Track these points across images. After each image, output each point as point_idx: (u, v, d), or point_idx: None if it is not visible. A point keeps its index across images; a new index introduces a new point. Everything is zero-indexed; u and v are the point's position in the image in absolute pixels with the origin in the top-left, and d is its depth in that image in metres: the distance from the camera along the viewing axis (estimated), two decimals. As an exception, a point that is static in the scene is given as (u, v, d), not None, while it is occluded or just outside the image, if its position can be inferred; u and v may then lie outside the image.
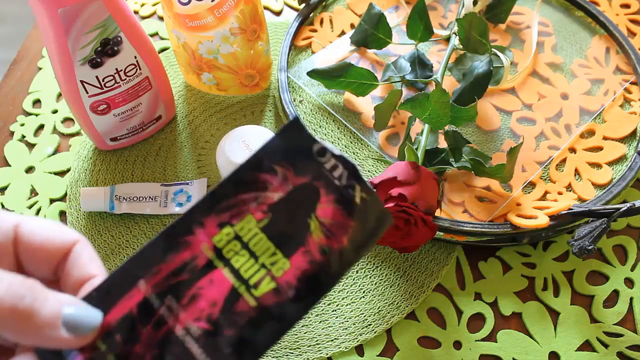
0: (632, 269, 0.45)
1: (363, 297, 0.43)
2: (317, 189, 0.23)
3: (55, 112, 0.55)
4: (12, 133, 0.54)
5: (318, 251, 0.23)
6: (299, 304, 0.22)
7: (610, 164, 0.49)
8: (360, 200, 0.23)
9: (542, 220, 0.42)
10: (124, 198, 0.47)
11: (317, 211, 0.23)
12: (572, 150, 0.50)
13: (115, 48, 0.43)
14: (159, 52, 0.60)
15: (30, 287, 0.20)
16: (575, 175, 0.49)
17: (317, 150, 0.24)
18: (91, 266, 0.23)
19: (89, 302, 0.22)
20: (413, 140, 0.47)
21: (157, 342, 0.21)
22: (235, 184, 0.23)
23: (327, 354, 0.41)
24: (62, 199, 0.49)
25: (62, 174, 0.51)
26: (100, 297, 0.22)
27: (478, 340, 0.42)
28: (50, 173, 0.51)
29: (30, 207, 0.49)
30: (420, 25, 0.52)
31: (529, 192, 0.47)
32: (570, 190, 0.48)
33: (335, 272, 0.23)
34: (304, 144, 0.24)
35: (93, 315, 0.21)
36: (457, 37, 0.52)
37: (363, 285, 0.44)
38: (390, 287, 0.44)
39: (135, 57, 0.45)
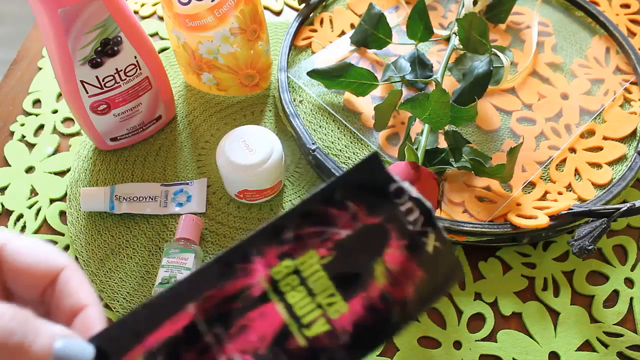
0: (632, 269, 0.45)
1: (363, 297, 0.43)
2: (388, 231, 0.22)
3: (55, 112, 0.55)
4: (12, 133, 0.54)
5: (379, 298, 0.21)
6: (351, 351, 0.21)
7: (610, 164, 0.49)
8: (432, 250, 0.22)
9: (542, 220, 0.42)
10: (124, 198, 0.47)
11: (385, 256, 0.22)
12: (572, 150, 0.50)
13: (115, 48, 0.43)
14: (159, 52, 0.60)
15: (23, 321, 0.19)
16: (575, 175, 0.49)
17: (393, 190, 0.22)
18: (82, 294, 0.22)
19: (133, 318, 0.21)
20: (413, 140, 0.47)
21: None
22: (303, 215, 0.22)
23: (327, 354, 0.41)
24: (62, 199, 0.49)
25: (62, 174, 0.51)
26: (147, 315, 0.21)
27: (478, 340, 0.42)
28: (50, 173, 0.51)
29: (30, 207, 0.49)
30: (420, 25, 0.52)
31: (529, 192, 0.47)
32: (570, 190, 0.48)
33: (395, 323, 0.21)
34: (381, 182, 0.22)
35: (85, 351, 0.20)
36: (457, 37, 0.52)
37: (363, 285, 0.44)
38: (390, 287, 0.44)
39: (135, 57, 0.45)
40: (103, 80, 0.44)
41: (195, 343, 0.21)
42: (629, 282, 0.44)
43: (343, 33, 0.59)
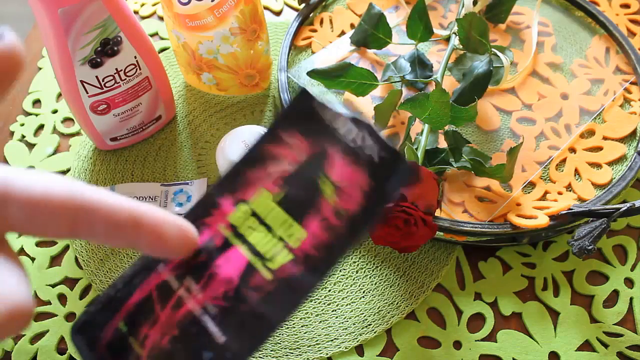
0: (632, 269, 0.45)
1: (363, 297, 0.43)
2: (331, 154, 0.23)
3: (55, 112, 0.55)
4: (12, 133, 0.54)
5: (334, 215, 0.22)
6: (316, 272, 0.22)
7: (610, 164, 0.49)
8: (379, 159, 0.22)
9: (542, 220, 0.42)
10: (124, 198, 0.47)
11: (331, 174, 0.22)
12: (572, 150, 0.50)
13: (115, 48, 0.43)
14: (159, 52, 0.60)
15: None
16: (575, 175, 0.49)
17: (329, 116, 0.23)
18: None
19: (113, 292, 0.22)
20: (413, 140, 0.47)
21: (176, 323, 0.22)
22: (248, 161, 0.23)
23: (327, 354, 0.41)
24: (62, 199, 0.49)
25: (62, 174, 0.51)
26: (123, 284, 0.22)
27: (478, 340, 0.42)
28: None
29: (30, 207, 0.49)
30: (420, 25, 0.52)
31: (529, 192, 0.47)
32: (570, 190, 0.48)
33: (354, 233, 0.22)
34: (315, 112, 0.23)
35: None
36: (457, 37, 0.52)
37: (363, 285, 0.44)
38: (390, 287, 0.44)
39: (135, 57, 0.45)
40: (103, 80, 0.44)
41: (169, 298, 0.22)
42: (629, 282, 0.44)
43: (343, 33, 0.59)
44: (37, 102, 0.56)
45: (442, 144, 0.48)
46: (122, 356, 0.21)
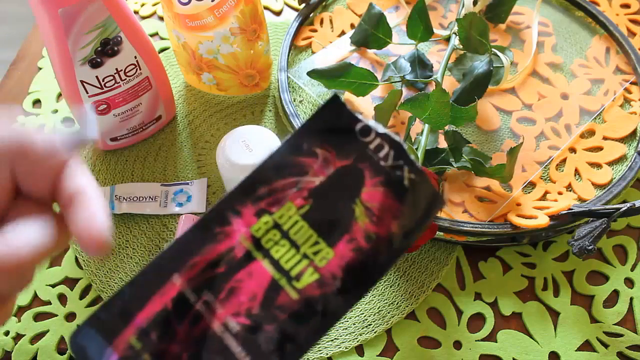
0: (632, 269, 0.45)
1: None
2: (361, 171, 0.22)
3: (55, 112, 0.55)
4: (12, 133, 0.53)
5: (364, 238, 0.21)
6: (345, 296, 0.21)
7: (610, 164, 0.49)
8: (408, 182, 0.22)
9: (542, 220, 0.42)
10: (124, 198, 0.47)
11: (362, 195, 0.21)
12: (572, 150, 0.50)
13: (115, 48, 0.43)
14: (159, 52, 0.60)
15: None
16: (575, 175, 0.49)
17: (359, 129, 0.22)
18: (83, 178, 0.22)
19: (120, 299, 0.21)
20: (413, 140, 0.47)
21: (194, 339, 0.20)
22: (273, 169, 0.22)
23: (327, 354, 0.41)
24: (62, 199, 0.49)
25: (62, 174, 0.51)
26: (132, 293, 0.21)
27: (478, 340, 0.42)
28: (50, 173, 0.51)
29: (30, 207, 0.49)
30: (420, 25, 0.52)
31: (529, 192, 0.47)
32: (570, 190, 0.48)
33: (383, 261, 0.21)
34: (345, 123, 0.22)
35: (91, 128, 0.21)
36: (457, 37, 0.52)
37: (363, 285, 0.44)
38: (390, 287, 0.44)
39: (135, 57, 0.45)
40: (103, 80, 0.44)
41: (187, 313, 0.21)
42: (629, 282, 0.44)
43: (343, 33, 0.59)
44: (37, 102, 0.56)
45: (442, 144, 0.48)
46: None
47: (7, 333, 0.42)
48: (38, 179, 0.22)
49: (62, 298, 0.44)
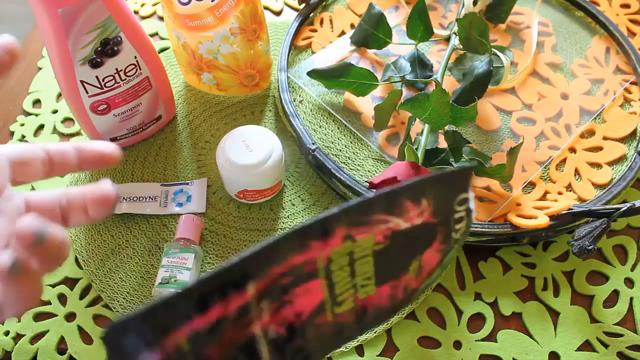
0: (632, 269, 0.45)
1: (363, 297, 0.43)
2: (436, 233, 0.22)
3: (55, 112, 0.55)
4: (12, 133, 0.54)
5: (403, 289, 0.22)
6: (362, 326, 0.22)
7: (610, 164, 0.49)
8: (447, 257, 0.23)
9: (542, 220, 0.42)
10: (124, 198, 0.47)
11: (424, 254, 0.22)
12: (572, 150, 0.50)
13: (115, 48, 0.43)
14: (159, 52, 0.60)
15: None
16: (575, 175, 0.49)
17: (459, 199, 0.23)
18: None
19: (189, 296, 0.19)
20: (413, 140, 0.47)
21: (236, 342, 0.20)
22: (384, 203, 0.22)
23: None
24: (62, 199, 0.49)
25: (62, 174, 0.51)
26: (203, 293, 0.19)
27: (478, 340, 0.42)
28: (50, 173, 0.51)
29: (30, 207, 0.49)
30: (420, 25, 0.52)
31: (529, 192, 0.47)
32: (570, 190, 0.48)
33: (400, 307, 0.23)
34: (455, 189, 0.23)
35: None
36: (457, 37, 0.52)
37: (363, 285, 0.44)
38: (390, 287, 0.44)
39: (135, 57, 0.45)
40: (103, 80, 0.44)
41: (243, 319, 0.20)
42: (629, 282, 0.44)
43: (343, 33, 0.59)
44: (37, 102, 0.56)
45: (442, 144, 0.48)
46: None
47: (7, 333, 0.42)
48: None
49: (62, 298, 0.44)
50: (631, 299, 0.43)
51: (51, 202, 0.27)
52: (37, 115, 0.55)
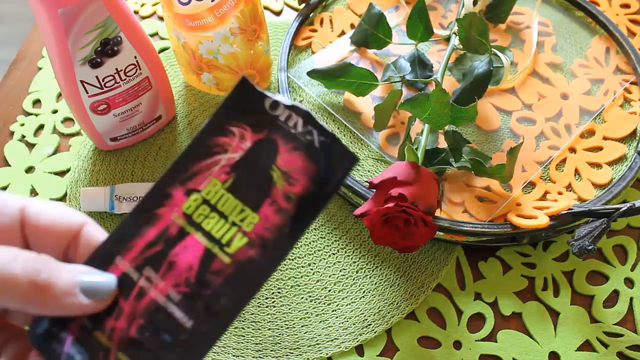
0: (632, 269, 0.45)
1: (363, 297, 0.43)
2: (274, 140, 0.24)
3: (55, 112, 0.55)
4: (12, 133, 0.54)
5: (284, 199, 0.23)
6: (273, 253, 0.23)
7: (610, 164, 0.49)
8: (319, 144, 0.24)
9: (542, 220, 0.42)
10: (124, 198, 0.47)
11: (278, 161, 0.24)
12: (572, 150, 0.50)
13: (115, 48, 0.43)
14: (159, 52, 0.60)
15: (45, 261, 0.21)
16: (575, 175, 0.49)
17: (269, 105, 0.24)
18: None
19: None
20: (413, 140, 0.47)
21: (140, 312, 0.22)
22: (196, 153, 0.24)
23: (327, 354, 0.41)
24: (62, 199, 0.49)
25: (62, 174, 0.51)
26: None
27: (478, 340, 0.42)
28: (50, 173, 0.51)
29: (30, 207, 0.49)
30: (420, 25, 0.52)
31: (529, 192, 0.47)
32: (570, 190, 0.48)
33: (304, 215, 0.23)
34: (255, 101, 0.24)
35: (109, 279, 0.22)
36: (457, 37, 0.52)
37: (363, 285, 0.44)
38: (390, 287, 0.44)
39: (135, 57, 0.45)
40: (103, 80, 0.44)
41: (131, 290, 0.23)
42: (629, 282, 0.44)
43: (343, 33, 0.59)
44: (37, 102, 0.56)
45: (442, 144, 0.48)
46: (89, 351, 0.22)
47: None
48: (46, 246, 0.23)
49: (62, 298, 0.44)
50: (631, 299, 0.43)
51: (57, 232, 0.24)
52: (37, 115, 0.55)
